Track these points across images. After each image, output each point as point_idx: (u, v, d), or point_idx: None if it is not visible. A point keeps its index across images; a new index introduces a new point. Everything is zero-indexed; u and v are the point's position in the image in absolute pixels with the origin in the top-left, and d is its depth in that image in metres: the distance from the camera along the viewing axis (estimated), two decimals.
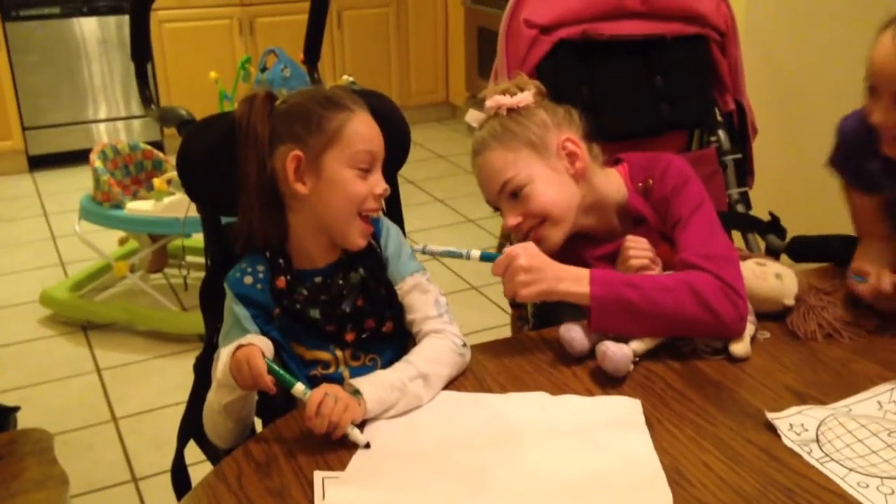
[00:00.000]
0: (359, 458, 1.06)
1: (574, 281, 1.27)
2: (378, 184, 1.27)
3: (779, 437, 1.09)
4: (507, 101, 1.42)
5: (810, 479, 1.01)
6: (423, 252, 1.35)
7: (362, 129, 1.25)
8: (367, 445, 1.08)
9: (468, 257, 1.33)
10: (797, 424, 1.10)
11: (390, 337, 1.31)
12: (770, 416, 1.11)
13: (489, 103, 1.44)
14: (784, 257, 1.68)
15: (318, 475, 1.03)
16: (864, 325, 1.35)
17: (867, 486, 1.00)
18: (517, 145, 1.40)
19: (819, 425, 1.09)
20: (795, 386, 1.21)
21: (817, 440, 1.07)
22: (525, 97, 1.42)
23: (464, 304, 3.05)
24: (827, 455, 1.05)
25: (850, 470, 1.02)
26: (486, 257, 1.32)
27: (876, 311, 1.38)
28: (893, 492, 0.99)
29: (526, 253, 1.27)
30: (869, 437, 1.06)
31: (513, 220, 1.41)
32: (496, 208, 1.46)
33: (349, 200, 1.24)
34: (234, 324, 1.26)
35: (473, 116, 1.48)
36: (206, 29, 4.65)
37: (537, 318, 1.60)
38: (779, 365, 1.26)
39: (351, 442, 1.08)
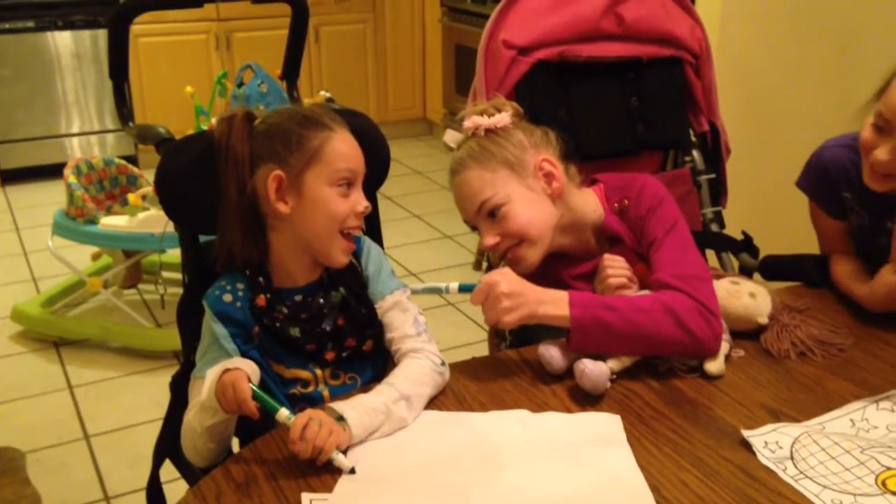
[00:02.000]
0: (345, 481, 1.06)
1: (554, 304, 1.28)
2: (359, 201, 1.27)
3: (754, 454, 1.10)
4: (484, 121, 1.43)
5: (785, 497, 1.03)
6: None
7: (342, 148, 1.26)
8: (353, 471, 1.07)
9: (447, 291, 1.35)
10: (772, 442, 1.12)
11: (370, 355, 1.32)
12: (745, 433, 1.13)
13: (467, 124, 1.45)
14: (757, 276, 1.70)
15: (305, 497, 1.03)
16: (837, 343, 1.38)
17: (840, 502, 1.01)
18: (495, 165, 1.41)
19: (793, 443, 1.11)
20: (770, 404, 1.22)
21: (792, 457, 1.09)
22: (503, 118, 1.44)
23: (441, 321, 3.05)
24: (801, 472, 1.06)
25: (825, 487, 1.04)
26: (464, 288, 1.33)
27: (848, 329, 1.41)
28: None
29: (505, 279, 1.28)
30: (842, 455, 1.08)
31: (490, 240, 1.42)
32: (474, 227, 1.47)
33: (331, 218, 1.24)
34: (211, 342, 1.25)
35: (452, 137, 1.49)
36: (183, 44, 4.63)
37: (515, 336, 1.61)
38: (754, 383, 1.28)
39: (335, 466, 1.08)
